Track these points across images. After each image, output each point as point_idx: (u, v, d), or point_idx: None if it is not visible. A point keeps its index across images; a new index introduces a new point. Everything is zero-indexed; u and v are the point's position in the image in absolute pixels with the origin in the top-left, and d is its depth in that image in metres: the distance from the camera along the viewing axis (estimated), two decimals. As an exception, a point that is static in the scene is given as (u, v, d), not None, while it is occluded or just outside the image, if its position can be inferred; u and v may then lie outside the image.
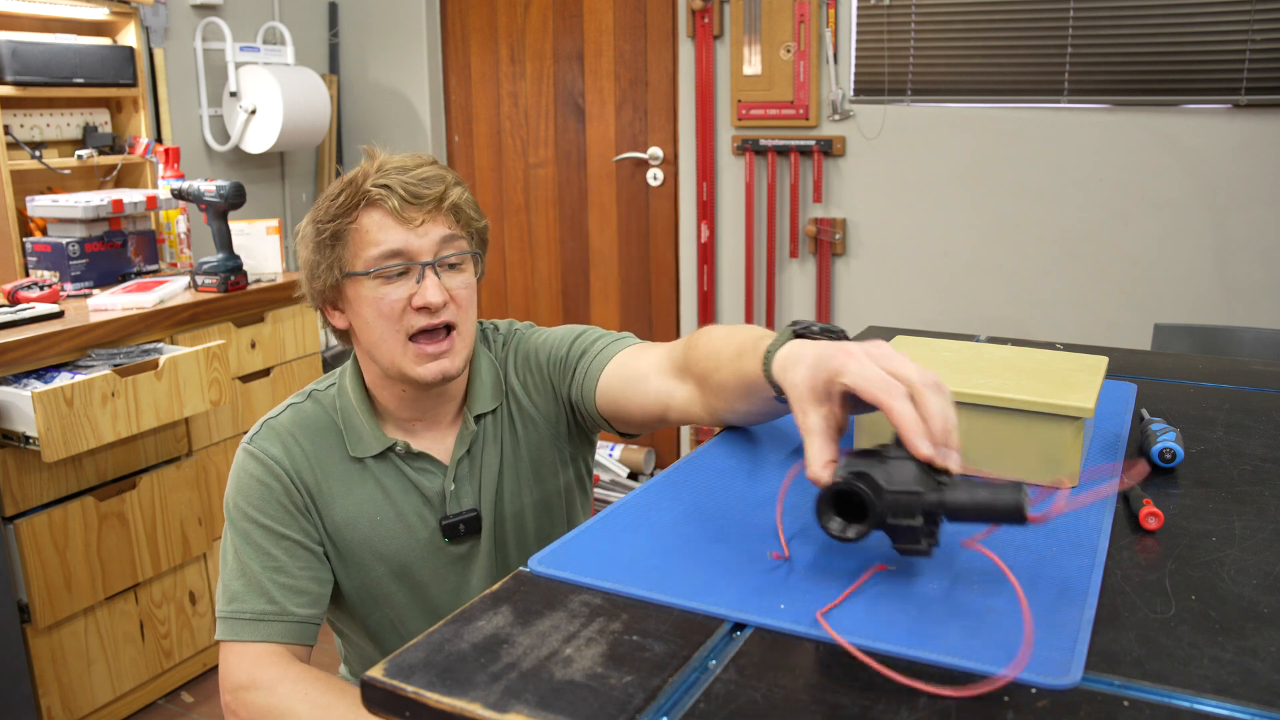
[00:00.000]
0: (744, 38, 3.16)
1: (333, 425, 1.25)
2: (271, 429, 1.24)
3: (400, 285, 1.17)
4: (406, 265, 1.17)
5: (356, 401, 1.26)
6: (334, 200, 1.18)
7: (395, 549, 1.25)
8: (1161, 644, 0.70)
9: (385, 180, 1.16)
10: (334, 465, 1.24)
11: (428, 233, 1.17)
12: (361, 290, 1.18)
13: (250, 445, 1.23)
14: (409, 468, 1.25)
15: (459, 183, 1.22)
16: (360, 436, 1.25)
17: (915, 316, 3.11)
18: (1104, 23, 2.74)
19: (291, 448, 1.22)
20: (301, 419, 1.24)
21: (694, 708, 0.64)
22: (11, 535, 2.02)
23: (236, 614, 1.16)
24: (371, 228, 1.16)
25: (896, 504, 0.75)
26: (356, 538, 1.23)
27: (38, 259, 2.49)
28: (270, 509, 1.20)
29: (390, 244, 1.16)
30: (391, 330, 1.17)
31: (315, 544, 1.22)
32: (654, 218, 3.52)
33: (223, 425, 2.51)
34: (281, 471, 1.21)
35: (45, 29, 2.71)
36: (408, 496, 1.25)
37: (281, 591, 1.17)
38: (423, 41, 3.68)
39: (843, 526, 0.78)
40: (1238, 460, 1.06)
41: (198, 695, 2.45)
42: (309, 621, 1.18)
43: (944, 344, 1.21)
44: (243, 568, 1.18)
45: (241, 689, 1.13)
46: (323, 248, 1.19)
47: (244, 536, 1.19)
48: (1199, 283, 2.78)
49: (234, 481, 1.22)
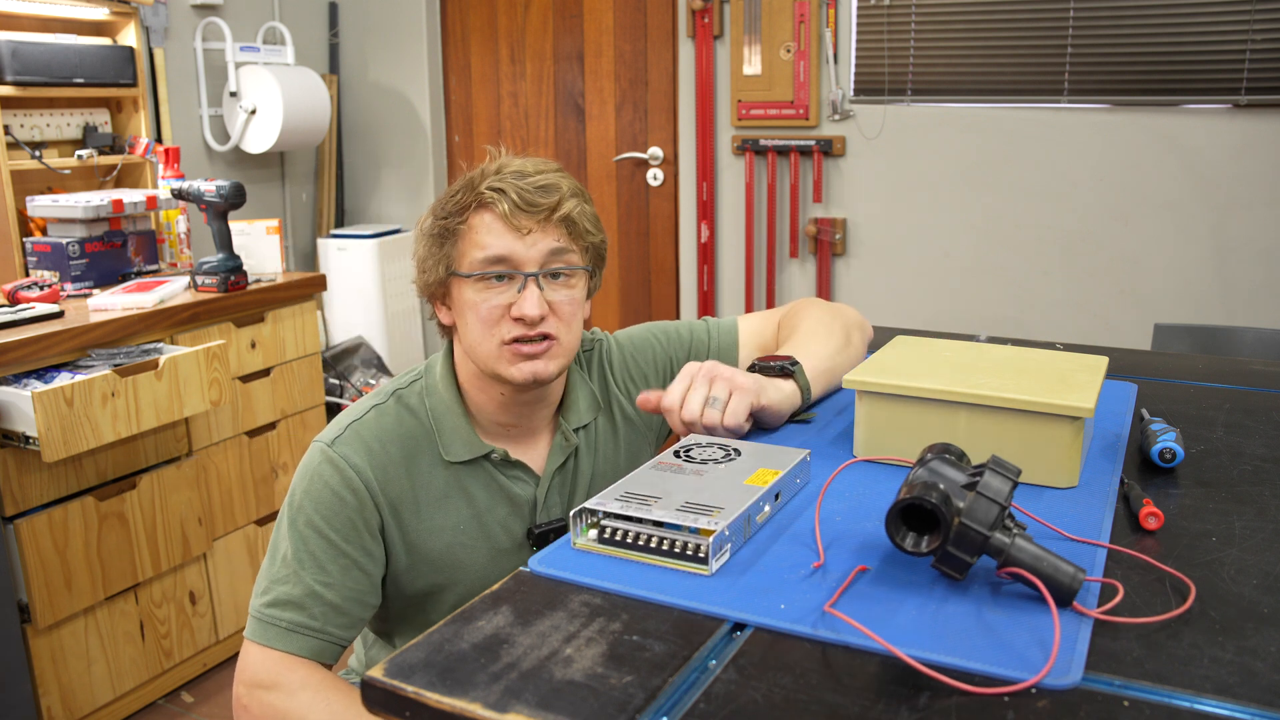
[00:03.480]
0: (744, 38, 3.16)
1: (420, 427, 1.20)
2: (356, 433, 1.17)
3: (502, 292, 1.14)
4: (510, 273, 1.14)
5: (450, 403, 1.22)
6: (452, 197, 1.17)
7: (475, 559, 1.22)
8: (1161, 644, 0.70)
9: (500, 184, 1.13)
10: (420, 472, 1.19)
11: (536, 243, 1.14)
12: (465, 291, 1.16)
13: (332, 449, 1.16)
14: (503, 475, 1.22)
15: (577, 194, 1.18)
16: (455, 440, 1.20)
17: (915, 316, 3.11)
18: (1104, 23, 2.74)
19: (377, 454, 1.17)
20: (387, 422, 1.19)
21: (694, 708, 0.64)
22: (11, 535, 2.02)
23: (273, 619, 1.12)
24: (481, 230, 1.14)
25: (962, 536, 0.75)
26: (437, 546, 1.20)
27: (38, 259, 2.49)
28: (338, 522, 1.14)
29: (496, 249, 1.13)
30: (488, 334, 1.15)
31: (373, 566, 1.17)
32: (654, 218, 3.52)
33: (223, 425, 2.51)
34: (361, 485, 1.15)
35: (45, 29, 2.71)
36: (495, 505, 1.22)
37: (324, 609, 1.13)
38: (423, 41, 3.68)
39: (916, 541, 0.78)
40: (1238, 460, 1.06)
41: (198, 695, 2.45)
42: (340, 643, 1.15)
43: (944, 344, 1.21)
44: (291, 574, 1.13)
45: (261, 687, 1.11)
46: (434, 243, 1.18)
47: (302, 542, 1.14)
48: (1199, 283, 2.78)
49: (305, 482, 1.16)
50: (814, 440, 1.15)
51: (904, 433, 1.04)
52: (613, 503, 0.88)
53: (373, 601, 1.18)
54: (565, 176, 1.18)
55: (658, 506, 0.86)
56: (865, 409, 1.07)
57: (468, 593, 1.21)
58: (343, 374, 3.42)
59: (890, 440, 1.06)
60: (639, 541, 0.85)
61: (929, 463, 0.81)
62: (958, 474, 0.79)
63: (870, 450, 1.07)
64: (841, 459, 1.08)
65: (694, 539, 0.83)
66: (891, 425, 1.05)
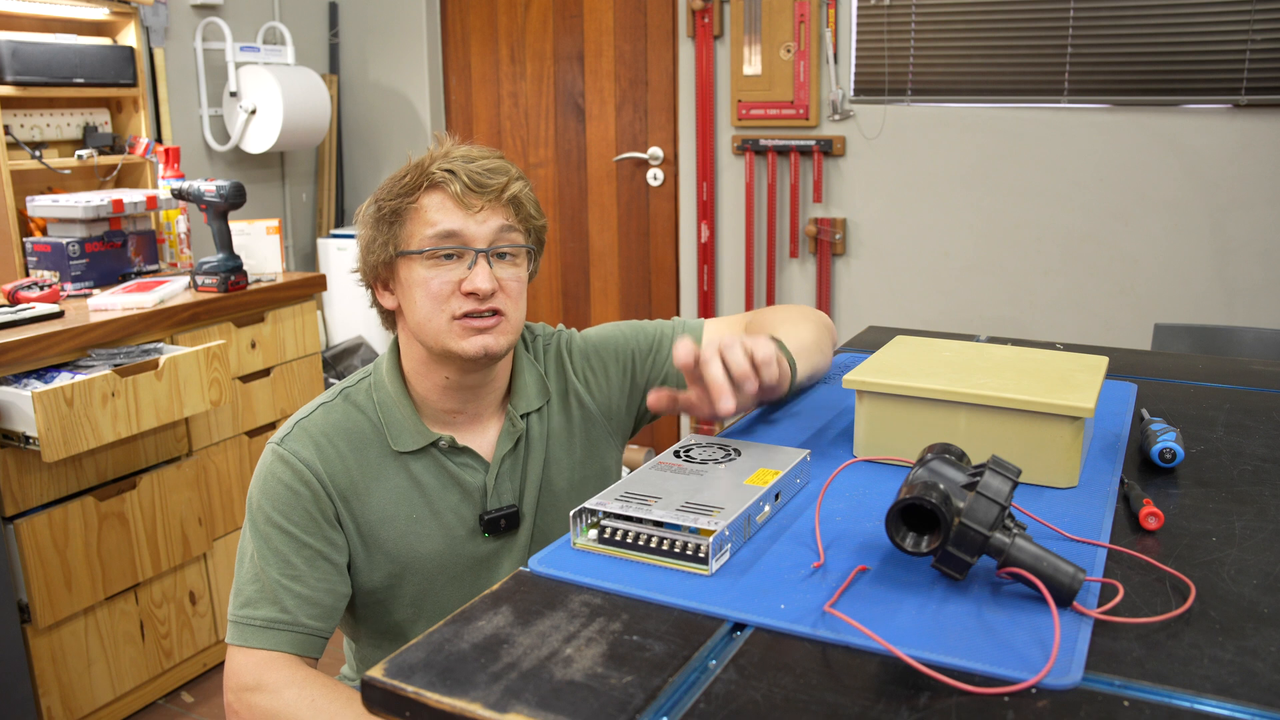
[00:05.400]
0: (744, 38, 3.16)
1: (367, 422, 1.23)
2: (304, 429, 1.21)
3: (451, 269, 1.18)
4: (460, 249, 1.18)
5: (396, 394, 1.24)
6: (399, 180, 1.21)
7: (430, 547, 1.24)
8: (1161, 644, 0.70)
9: (451, 165, 1.18)
10: (369, 463, 1.22)
11: (485, 220, 1.18)
12: (413, 270, 1.19)
13: (280, 447, 1.20)
14: (451, 463, 1.25)
15: (522, 177, 1.23)
16: (402, 430, 1.23)
17: (915, 316, 3.11)
18: (1104, 23, 2.74)
19: (325, 448, 1.20)
20: (334, 418, 1.23)
21: (694, 708, 0.64)
22: (11, 535, 2.02)
23: (247, 619, 1.15)
24: (431, 208, 1.18)
25: (962, 536, 0.75)
26: (391, 535, 1.22)
27: (38, 259, 2.49)
28: (295, 515, 1.17)
29: (447, 225, 1.17)
30: (438, 310, 1.18)
31: (337, 555, 1.19)
32: (654, 218, 3.52)
33: (223, 425, 2.51)
34: (312, 476, 1.18)
35: (45, 29, 2.72)
36: (446, 492, 1.24)
37: (295, 601, 1.15)
38: (423, 41, 3.68)
39: (916, 541, 0.78)
40: (1238, 460, 1.06)
41: (198, 695, 2.45)
42: (318, 634, 1.16)
43: (944, 344, 1.21)
44: (258, 572, 1.17)
45: (246, 690, 1.12)
46: (381, 224, 1.21)
47: (265, 540, 1.17)
48: (1199, 283, 2.78)
49: (260, 483, 1.20)
50: (814, 440, 1.15)
51: (904, 433, 1.04)
52: (613, 503, 0.88)
53: (343, 590, 1.20)
54: (510, 163, 1.24)
55: (658, 506, 0.87)
56: (865, 409, 1.07)
57: (426, 583, 1.24)
58: (343, 374, 3.43)
59: (890, 440, 1.06)
60: (639, 541, 0.85)
61: (929, 463, 0.81)
62: (958, 474, 0.79)
63: (870, 450, 1.07)
64: (841, 459, 1.08)
65: (694, 539, 0.83)
66: (891, 425, 1.05)
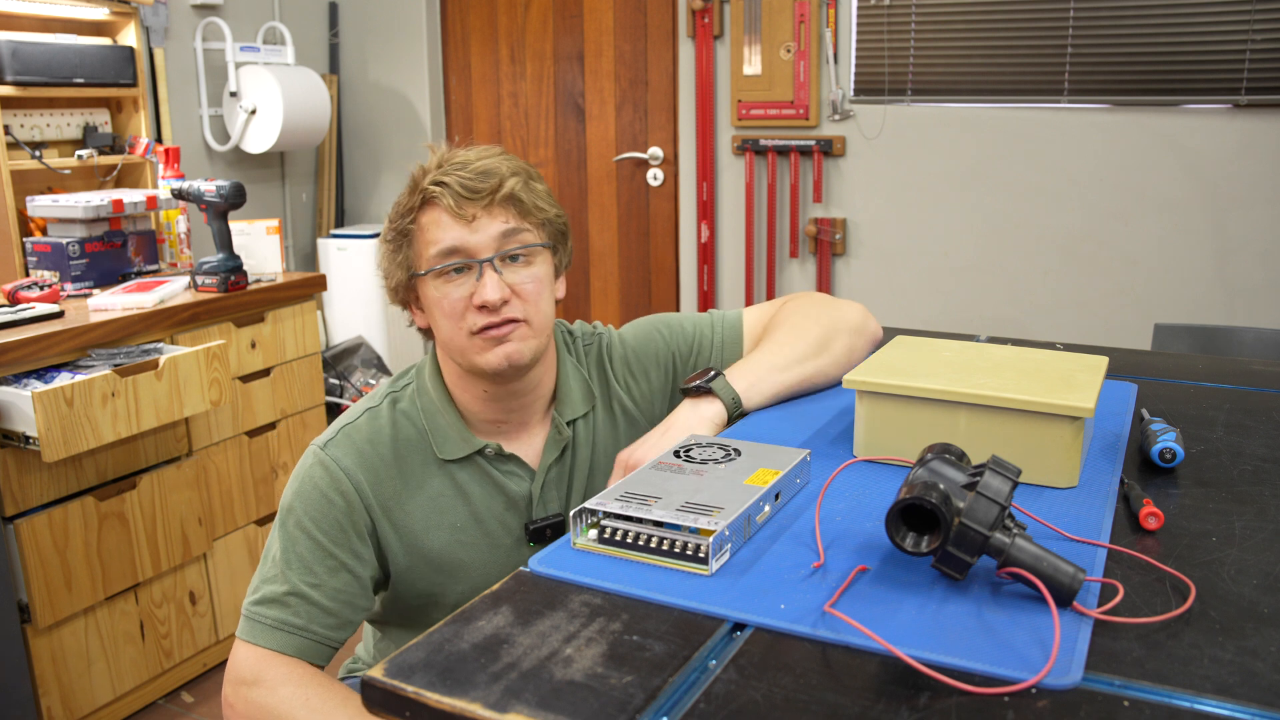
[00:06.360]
0: (744, 38, 3.16)
1: (413, 428, 1.21)
2: (347, 436, 1.19)
3: (461, 283, 1.15)
4: (465, 263, 1.14)
5: (440, 402, 1.22)
6: (401, 201, 1.18)
7: (475, 555, 1.22)
8: (1161, 644, 0.70)
9: (442, 177, 1.14)
10: (413, 471, 1.19)
11: (484, 228, 1.14)
12: (428, 290, 1.17)
13: (324, 451, 1.17)
14: (497, 470, 1.22)
15: (519, 173, 1.17)
16: (447, 438, 1.21)
17: (915, 316, 3.11)
18: (1104, 23, 2.74)
19: (369, 456, 1.18)
20: (380, 424, 1.20)
21: (694, 708, 0.64)
22: (11, 535, 2.02)
23: (259, 616, 1.14)
24: (431, 227, 1.15)
25: (962, 536, 0.75)
26: (435, 544, 1.20)
27: (38, 259, 2.48)
28: (325, 524, 1.15)
29: (446, 242, 1.14)
30: (456, 328, 1.16)
31: (362, 568, 1.17)
32: (654, 218, 3.52)
33: (223, 425, 2.51)
34: (350, 487, 1.16)
35: (45, 29, 2.71)
36: (491, 501, 1.22)
37: (309, 608, 1.14)
38: (423, 41, 3.68)
39: (916, 541, 0.78)
40: (1238, 460, 1.06)
41: (198, 695, 2.45)
42: (327, 643, 1.15)
43: (944, 344, 1.21)
44: (279, 573, 1.15)
45: (244, 684, 1.12)
46: (393, 249, 1.19)
47: (291, 542, 1.15)
48: (1199, 283, 2.78)
49: (297, 484, 1.17)
50: (814, 440, 1.15)
51: (904, 433, 1.04)
52: (613, 503, 0.88)
53: (363, 604, 1.18)
54: (507, 159, 1.18)
55: (658, 506, 0.87)
56: (865, 409, 1.07)
57: (470, 591, 1.20)
58: (343, 374, 3.42)
59: (890, 440, 1.06)
60: (639, 541, 0.85)
61: (929, 463, 0.81)
62: (958, 474, 0.79)
63: (870, 450, 1.07)
64: (841, 459, 1.08)
65: (694, 539, 0.83)
66: (891, 425, 1.05)
